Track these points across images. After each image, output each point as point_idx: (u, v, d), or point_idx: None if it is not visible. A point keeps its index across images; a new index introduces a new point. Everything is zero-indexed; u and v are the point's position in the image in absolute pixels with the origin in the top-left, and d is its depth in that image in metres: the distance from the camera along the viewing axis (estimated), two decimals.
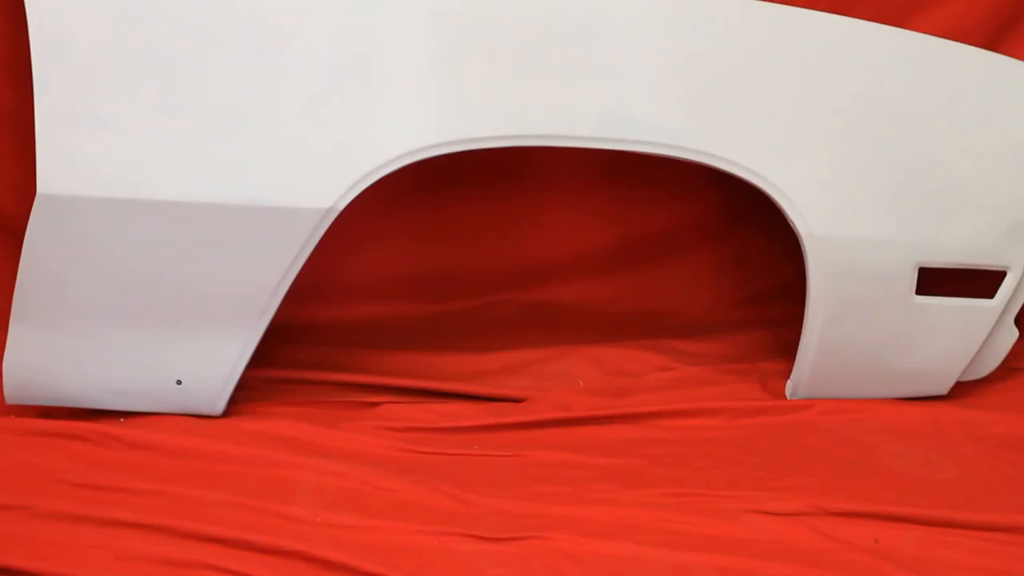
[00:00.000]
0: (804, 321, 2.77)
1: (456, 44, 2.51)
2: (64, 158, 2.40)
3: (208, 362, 2.58)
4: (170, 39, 2.41)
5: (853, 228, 2.69)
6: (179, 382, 2.59)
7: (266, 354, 2.69)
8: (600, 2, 2.57)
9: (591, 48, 2.55)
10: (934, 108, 2.70)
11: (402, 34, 2.49)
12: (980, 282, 2.83)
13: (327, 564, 2.09)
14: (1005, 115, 2.74)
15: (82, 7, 2.38)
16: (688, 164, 2.65)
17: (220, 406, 2.63)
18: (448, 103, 2.51)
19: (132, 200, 2.41)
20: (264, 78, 2.45)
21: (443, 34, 2.50)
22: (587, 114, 2.56)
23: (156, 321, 2.53)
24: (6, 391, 2.56)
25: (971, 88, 2.73)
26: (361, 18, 2.47)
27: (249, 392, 2.73)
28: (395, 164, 2.49)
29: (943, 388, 2.91)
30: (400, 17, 2.49)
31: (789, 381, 2.88)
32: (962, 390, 2.93)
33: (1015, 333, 2.92)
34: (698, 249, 3.36)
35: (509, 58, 2.52)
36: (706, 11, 2.62)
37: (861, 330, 2.78)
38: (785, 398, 2.88)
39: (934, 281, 2.78)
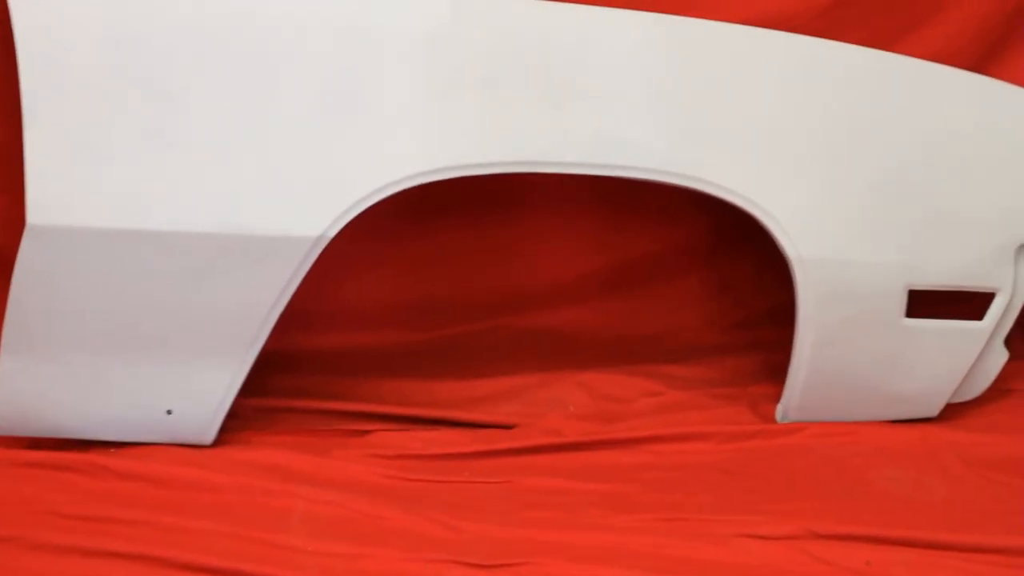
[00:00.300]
0: (794, 344, 2.77)
1: (445, 71, 2.51)
2: (54, 188, 2.39)
3: (198, 391, 2.58)
4: (161, 68, 2.41)
5: (842, 251, 2.70)
6: (169, 412, 2.58)
7: (256, 383, 2.68)
8: (588, 28, 2.58)
9: (579, 74, 2.56)
10: (922, 131, 2.71)
11: (391, 61, 2.49)
12: (970, 304, 2.83)
13: None
14: (993, 137, 2.75)
15: (73, 36, 2.38)
16: (677, 189, 2.66)
17: (211, 436, 2.62)
18: (438, 130, 2.51)
19: (122, 230, 2.41)
20: (255, 107, 2.45)
21: (432, 61, 2.51)
22: (576, 140, 2.56)
23: (146, 351, 2.53)
24: None
25: (959, 110, 2.74)
26: (351, 46, 2.48)
27: (240, 421, 2.72)
28: (385, 192, 2.49)
29: (934, 410, 2.91)
30: (389, 44, 2.49)
31: (779, 405, 2.88)
32: (953, 412, 2.93)
33: (1005, 354, 2.92)
34: (687, 274, 3.37)
35: (498, 85, 2.53)
36: (694, 36, 2.63)
37: (851, 353, 2.79)
38: (775, 422, 2.88)
39: (924, 303, 2.78)
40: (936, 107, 2.73)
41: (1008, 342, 2.92)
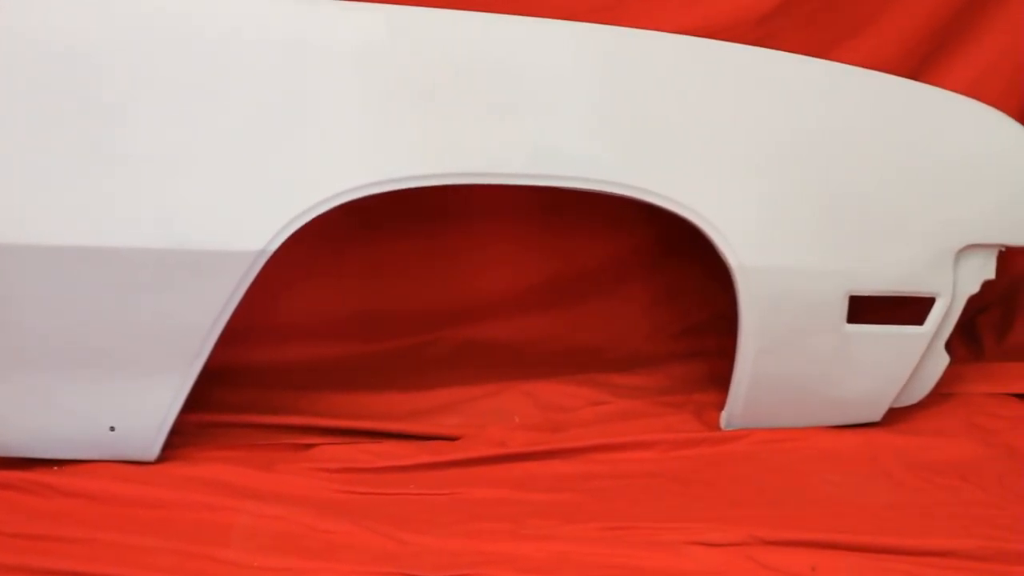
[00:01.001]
0: (737, 352, 2.78)
1: (383, 84, 2.51)
2: None
3: (141, 408, 2.57)
4: (100, 83, 2.40)
5: (783, 258, 2.71)
6: (112, 428, 2.57)
7: (200, 398, 2.67)
8: (526, 40, 2.58)
9: (518, 86, 2.56)
10: (860, 137, 2.72)
11: (329, 75, 2.49)
12: (911, 309, 2.85)
13: None
14: (930, 143, 2.76)
15: (10, 51, 2.37)
16: (619, 199, 2.66)
17: (154, 452, 2.61)
18: (378, 143, 2.51)
19: (61, 246, 2.40)
20: (194, 121, 2.44)
21: (370, 74, 2.50)
22: (517, 151, 2.56)
23: (87, 368, 2.51)
24: None
25: (896, 117, 2.75)
26: (289, 60, 2.47)
27: (183, 437, 2.70)
28: (327, 205, 2.48)
29: (876, 415, 2.93)
30: (327, 58, 2.49)
31: (724, 412, 2.89)
32: (895, 416, 2.95)
33: (946, 358, 2.94)
34: (631, 283, 3.38)
35: (437, 97, 2.52)
36: (633, 47, 2.64)
37: (794, 360, 2.80)
38: (720, 429, 2.89)
39: (865, 309, 2.80)
40: (873, 114, 2.75)
41: (949, 346, 2.94)
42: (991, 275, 2.86)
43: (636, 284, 3.41)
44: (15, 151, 2.38)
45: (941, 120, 2.80)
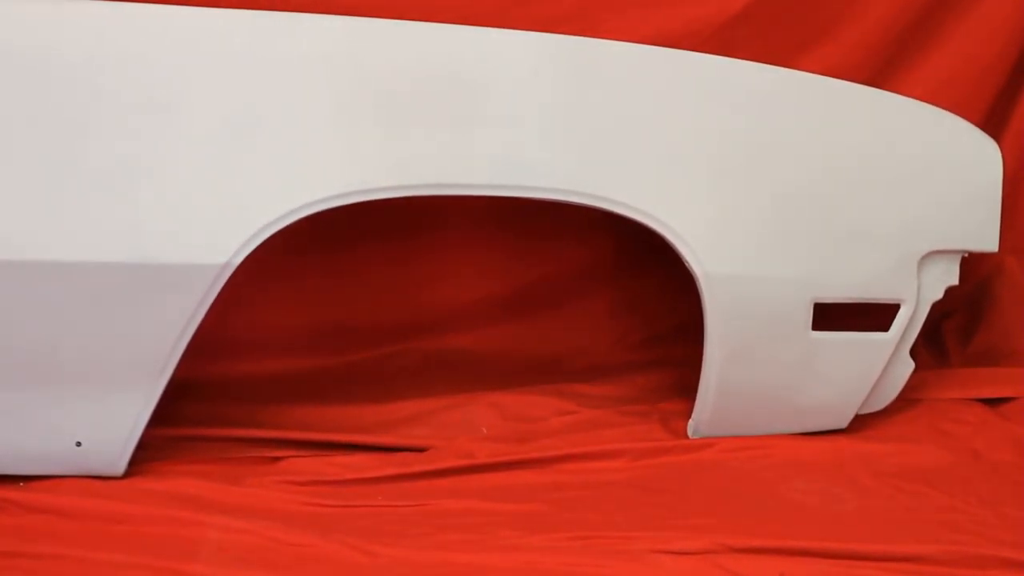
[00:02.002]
0: (703, 360, 2.79)
1: (346, 96, 2.51)
2: None
3: (107, 423, 2.55)
4: (54, 96, 2.39)
5: (747, 266, 2.72)
6: (79, 444, 2.55)
7: (166, 412, 2.66)
8: (487, 52, 2.58)
9: (479, 97, 2.56)
10: (821, 145, 2.74)
11: (291, 87, 2.49)
12: (875, 315, 2.86)
13: None
14: (891, 150, 2.78)
15: None
16: (582, 209, 2.66)
17: (121, 467, 2.59)
18: (340, 155, 2.51)
19: (22, 261, 2.39)
20: (153, 133, 2.43)
21: (333, 86, 2.50)
22: (478, 162, 2.57)
23: (52, 383, 2.50)
24: None
25: (857, 125, 2.77)
26: (249, 71, 2.47)
27: (150, 451, 2.69)
28: (290, 217, 2.48)
29: (843, 422, 2.95)
30: (288, 70, 2.49)
31: (690, 421, 2.89)
32: (861, 423, 2.97)
33: (911, 364, 2.96)
34: (596, 293, 3.39)
35: (399, 109, 2.53)
36: (591, 56, 2.65)
37: (759, 367, 2.81)
38: (687, 437, 2.90)
39: (830, 316, 2.81)
40: (835, 122, 2.77)
41: (914, 352, 2.96)
42: (955, 281, 2.88)
43: (600, 294, 3.42)
44: None
45: (902, 127, 2.82)
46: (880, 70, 3.19)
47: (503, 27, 2.65)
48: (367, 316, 3.28)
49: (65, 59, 2.39)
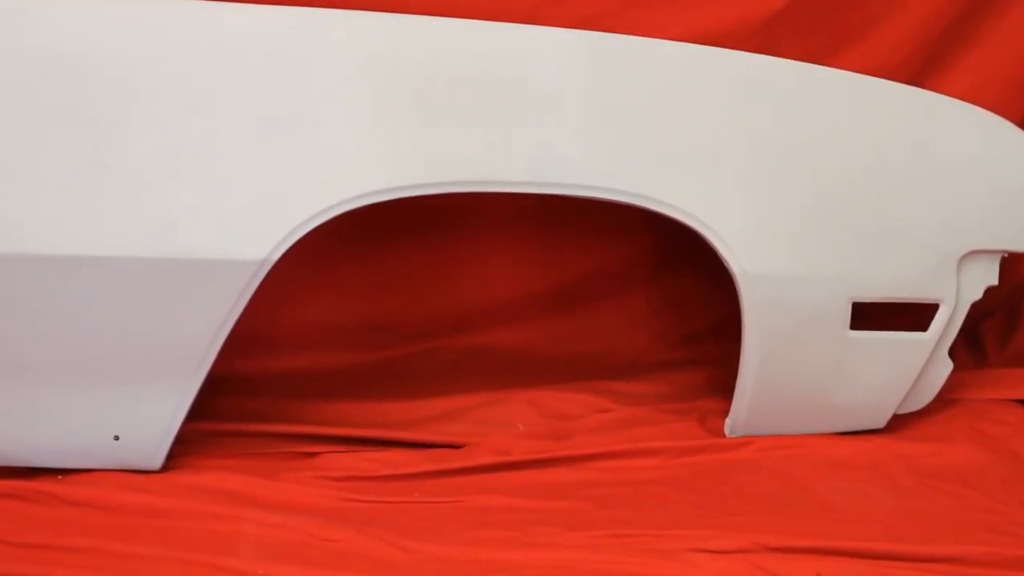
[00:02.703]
0: (740, 359, 2.78)
1: (385, 92, 2.51)
2: None
3: (145, 417, 2.56)
4: (95, 93, 2.40)
5: (786, 265, 2.71)
6: (116, 438, 2.56)
7: (204, 407, 2.68)
8: (525, 48, 2.58)
9: (518, 93, 2.56)
10: (861, 144, 2.72)
11: (331, 84, 2.49)
12: (914, 315, 2.85)
13: None
14: (931, 149, 2.76)
15: (3, 62, 2.37)
16: (621, 206, 2.66)
17: (159, 461, 2.60)
18: (379, 152, 2.51)
19: (62, 256, 2.40)
20: (194, 130, 2.44)
21: (372, 83, 2.50)
22: (516, 159, 2.56)
23: (91, 377, 2.51)
24: None
25: (897, 123, 2.75)
26: (290, 69, 2.47)
27: (187, 446, 2.70)
28: (328, 214, 2.48)
29: (880, 421, 2.93)
30: (326, 67, 2.49)
31: (727, 419, 2.89)
32: (899, 423, 2.95)
33: (949, 365, 2.94)
34: (633, 290, 3.38)
35: (437, 106, 2.52)
36: (631, 54, 2.64)
37: (797, 366, 2.80)
38: (724, 436, 2.89)
39: (869, 315, 2.80)
40: (875, 121, 2.75)
41: (952, 353, 2.94)
42: (994, 281, 2.86)
43: (638, 291, 3.41)
44: (16, 160, 2.38)
45: (942, 126, 2.80)
46: (920, 69, 3.17)
47: (544, 23, 2.65)
48: (404, 312, 3.28)
49: (104, 57, 2.40)
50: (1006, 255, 2.85)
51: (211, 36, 2.46)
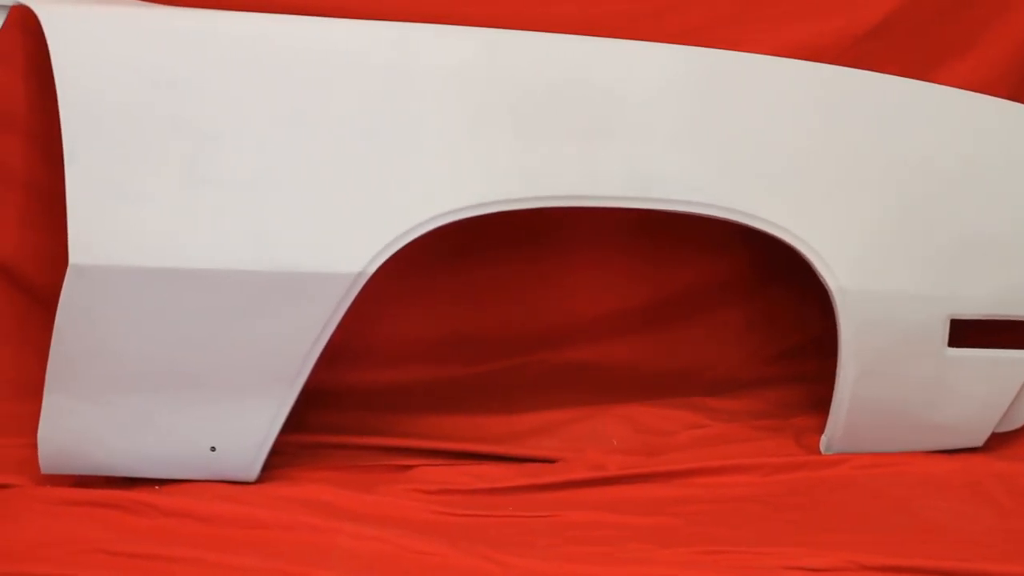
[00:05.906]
0: (836, 376, 2.76)
1: (481, 107, 2.52)
2: (95, 228, 2.39)
3: (242, 428, 2.58)
4: (198, 107, 2.43)
5: (883, 282, 2.69)
6: (213, 449, 2.59)
7: (299, 419, 2.69)
8: (620, 62, 2.59)
9: (614, 107, 2.56)
10: (960, 160, 2.71)
11: (426, 97, 2.51)
12: (1013, 333, 2.82)
13: None
14: None
15: (112, 77, 2.40)
16: (716, 221, 2.65)
17: (254, 472, 2.62)
18: (475, 166, 2.52)
19: (162, 268, 2.42)
20: (293, 145, 2.46)
21: (469, 97, 2.52)
22: (612, 173, 2.56)
23: (189, 388, 2.53)
24: (41, 461, 2.55)
25: (996, 139, 2.73)
26: (387, 82, 2.49)
27: (283, 457, 2.72)
28: (424, 227, 2.49)
29: (978, 440, 2.90)
30: (424, 81, 2.51)
31: (823, 436, 2.86)
32: (998, 441, 2.92)
33: None
34: (728, 305, 3.37)
35: (534, 120, 2.54)
36: (727, 69, 2.64)
37: (894, 384, 2.78)
38: (819, 453, 2.87)
39: (968, 332, 2.77)
40: (973, 136, 2.73)
41: None
42: None
43: (732, 307, 3.39)
44: (113, 174, 2.41)
45: None
46: (1019, 84, 3.14)
47: (636, 39, 2.65)
48: (497, 327, 3.28)
49: (202, 71, 2.44)
50: None
51: (308, 50, 2.48)
